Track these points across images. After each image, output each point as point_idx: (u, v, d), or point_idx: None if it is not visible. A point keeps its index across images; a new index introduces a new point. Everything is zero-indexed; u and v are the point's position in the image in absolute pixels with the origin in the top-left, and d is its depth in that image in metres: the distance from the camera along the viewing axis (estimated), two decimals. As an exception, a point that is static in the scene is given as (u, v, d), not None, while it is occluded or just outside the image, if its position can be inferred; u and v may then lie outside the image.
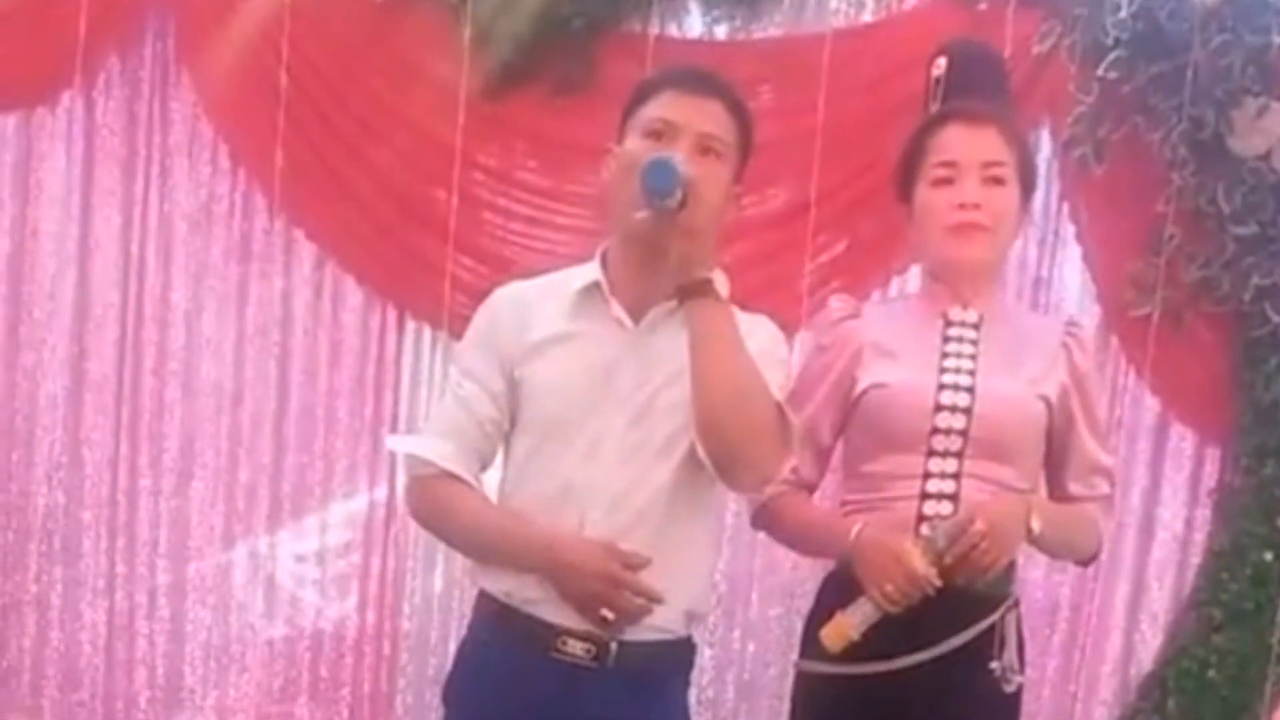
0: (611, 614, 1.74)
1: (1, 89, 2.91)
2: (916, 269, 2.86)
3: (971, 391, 1.98)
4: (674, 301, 1.77)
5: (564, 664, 1.76)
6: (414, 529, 2.34)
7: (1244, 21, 2.66)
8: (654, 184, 1.67)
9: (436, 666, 2.99)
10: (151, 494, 3.06)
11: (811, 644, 1.99)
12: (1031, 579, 2.80)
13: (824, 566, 2.86)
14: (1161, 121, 2.71)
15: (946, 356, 2.01)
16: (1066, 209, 2.88)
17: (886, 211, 2.77)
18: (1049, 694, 2.96)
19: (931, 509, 1.97)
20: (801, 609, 2.94)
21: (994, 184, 1.99)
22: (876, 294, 2.90)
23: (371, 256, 2.97)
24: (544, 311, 1.83)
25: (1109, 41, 2.69)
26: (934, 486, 1.98)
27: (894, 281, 2.92)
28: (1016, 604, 2.02)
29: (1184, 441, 2.91)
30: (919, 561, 1.85)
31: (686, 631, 1.85)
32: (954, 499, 1.96)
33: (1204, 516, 2.90)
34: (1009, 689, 1.95)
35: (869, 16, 2.90)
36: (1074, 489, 2.09)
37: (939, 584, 1.86)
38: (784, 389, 1.83)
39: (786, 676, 2.96)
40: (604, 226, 1.90)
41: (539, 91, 2.83)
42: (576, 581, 1.74)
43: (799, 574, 2.98)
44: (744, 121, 1.83)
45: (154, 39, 2.95)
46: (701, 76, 1.85)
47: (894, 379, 2.00)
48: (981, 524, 1.85)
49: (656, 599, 1.75)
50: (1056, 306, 2.89)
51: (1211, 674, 2.81)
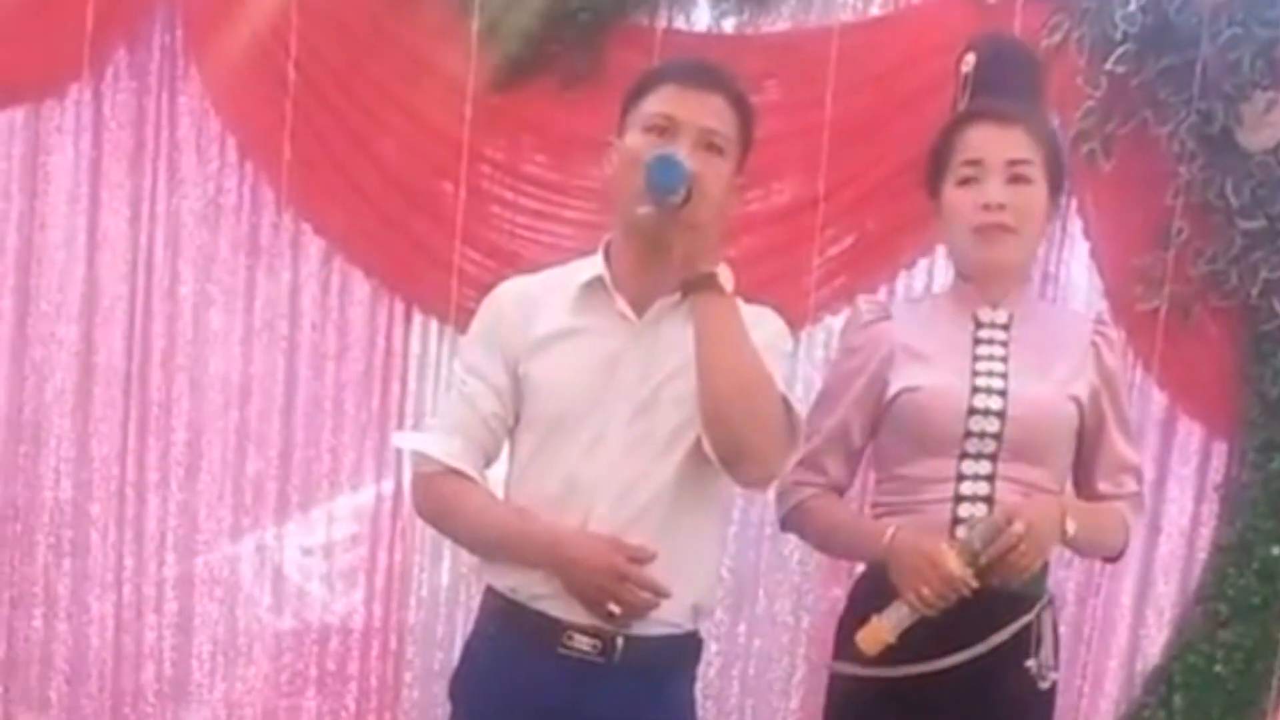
0: (617, 608, 1.74)
1: (9, 82, 2.90)
2: (924, 263, 2.90)
3: (1004, 394, 1.98)
4: (677, 295, 1.78)
5: (571, 659, 1.77)
6: (421, 522, 2.33)
7: (1253, 15, 2.65)
8: (659, 181, 1.68)
9: (443, 660, 2.99)
10: (159, 487, 3.05)
11: (846, 647, 1.99)
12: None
13: (831, 562, 2.90)
14: (1170, 115, 2.70)
15: (978, 359, 2.01)
16: (1074, 203, 2.87)
17: (894, 206, 2.81)
18: (1055, 688, 2.96)
19: (966, 511, 1.96)
20: (809, 606, 2.99)
21: (1020, 183, 1.98)
22: (883, 289, 2.90)
23: (379, 250, 2.97)
24: (548, 307, 1.83)
25: (1118, 35, 2.68)
26: (968, 489, 1.98)
27: (900, 276, 2.92)
28: (1051, 602, 2.02)
29: (1191, 436, 2.90)
30: (955, 564, 1.85)
31: (693, 626, 1.86)
32: (988, 501, 1.96)
33: (1211, 511, 2.89)
34: (1044, 686, 1.96)
35: (877, 10, 2.89)
36: (1103, 487, 2.08)
37: (975, 585, 1.86)
38: (788, 381, 1.84)
39: (794, 673, 3.01)
40: (609, 220, 1.91)
41: (547, 85, 2.83)
42: (582, 576, 1.75)
43: (806, 570, 2.99)
44: (745, 115, 1.83)
45: (162, 32, 2.94)
46: (703, 70, 1.85)
47: (926, 383, 1.99)
48: (1020, 525, 1.85)
49: (662, 593, 1.75)
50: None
51: (1218, 669, 2.81)
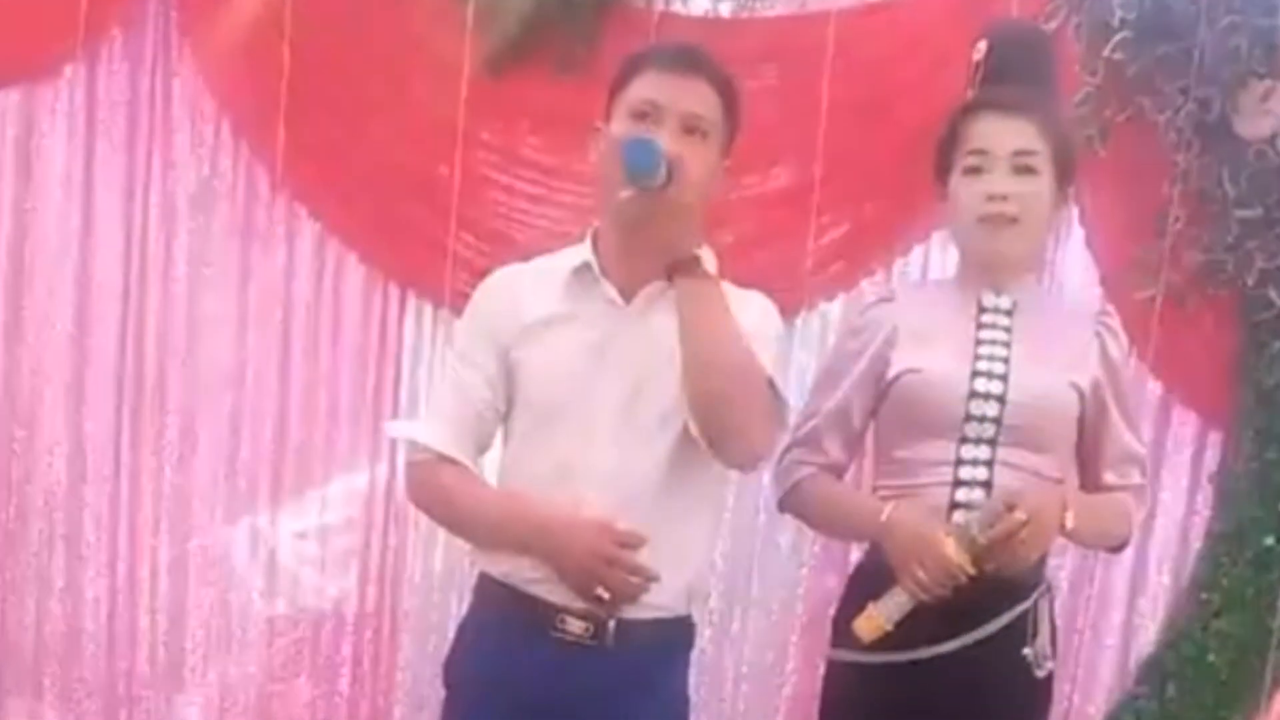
0: (607, 593, 1.75)
1: (2, 62, 2.88)
2: (919, 250, 2.90)
3: (1005, 379, 1.98)
4: (664, 280, 1.78)
5: (563, 643, 1.77)
6: (414, 507, 2.33)
7: (1251, 3, 2.64)
8: (634, 163, 1.68)
9: (437, 644, 2.98)
10: (153, 471, 3.04)
11: (843, 634, 1.99)
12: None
13: (826, 550, 2.90)
14: (1167, 103, 2.69)
15: (980, 343, 2.01)
16: (1070, 191, 2.86)
17: (890, 193, 2.80)
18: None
19: (964, 496, 1.97)
20: (804, 592, 2.98)
21: (1025, 173, 1.99)
22: (879, 274, 2.90)
23: (374, 234, 2.96)
24: (538, 293, 1.84)
25: (1115, 22, 2.67)
26: (966, 474, 1.98)
27: (897, 263, 2.91)
28: (1049, 590, 2.02)
29: (1186, 425, 2.89)
30: (952, 550, 1.85)
31: (686, 610, 1.87)
32: (987, 486, 1.97)
33: (1205, 500, 2.88)
34: (1040, 674, 1.96)
35: (874, -6, 2.89)
36: (1107, 478, 2.09)
37: (972, 572, 1.86)
38: (779, 363, 1.84)
39: (788, 660, 3.01)
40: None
41: (543, 68, 2.82)
42: (572, 561, 1.75)
43: (801, 558, 2.98)
44: (730, 98, 1.83)
45: (156, 13, 2.92)
46: (686, 54, 1.84)
47: (927, 365, 1.99)
48: (1022, 513, 1.85)
49: (653, 577, 1.76)
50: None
51: (1211, 658, 2.80)
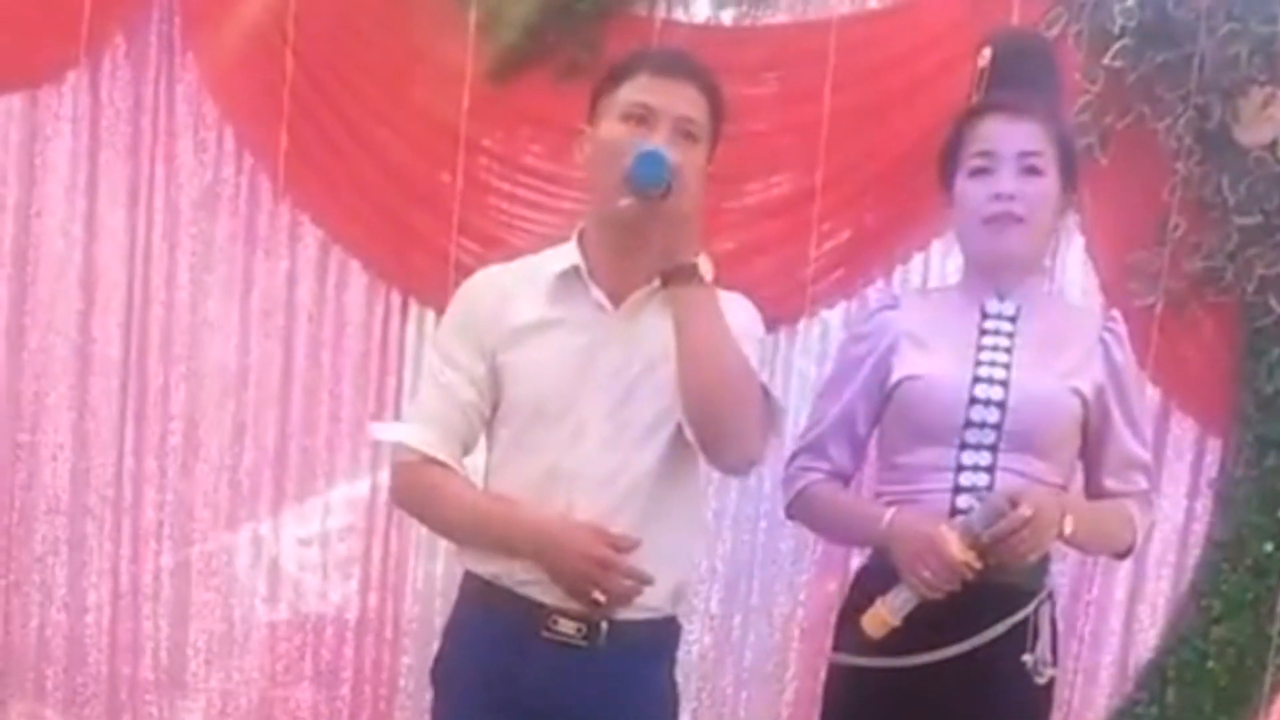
0: (603, 597, 1.77)
1: (6, 68, 2.88)
2: (920, 257, 2.90)
3: (1006, 385, 1.99)
4: (653, 285, 1.80)
5: (555, 643, 1.80)
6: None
7: (1251, 10, 2.64)
8: (644, 175, 1.70)
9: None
10: (155, 477, 3.05)
11: (845, 637, 2.01)
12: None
13: (826, 555, 2.90)
14: (1167, 110, 2.69)
15: (982, 349, 2.02)
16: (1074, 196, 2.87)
17: (892, 200, 2.81)
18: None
19: (965, 502, 1.98)
20: (804, 598, 2.98)
21: (1031, 175, 2.00)
22: (880, 282, 2.90)
23: (376, 240, 2.96)
24: (524, 296, 1.85)
25: (1115, 29, 2.67)
26: (967, 479, 1.99)
27: (897, 270, 2.92)
28: (1050, 596, 2.03)
29: (1185, 431, 2.89)
30: (956, 547, 1.87)
31: (673, 610, 1.90)
32: (988, 492, 1.97)
33: (1204, 507, 2.89)
34: (1040, 681, 1.97)
35: (875, 4, 2.88)
36: (1110, 484, 2.10)
37: (978, 567, 1.87)
38: (759, 365, 1.87)
39: (788, 666, 3.01)
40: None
41: (545, 75, 2.82)
42: (567, 565, 1.77)
43: (801, 563, 2.99)
44: (717, 104, 1.85)
45: (160, 20, 2.92)
46: (677, 59, 1.87)
47: (928, 371, 2.00)
48: (1026, 509, 1.86)
49: (646, 580, 1.78)
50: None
51: (1211, 665, 2.80)
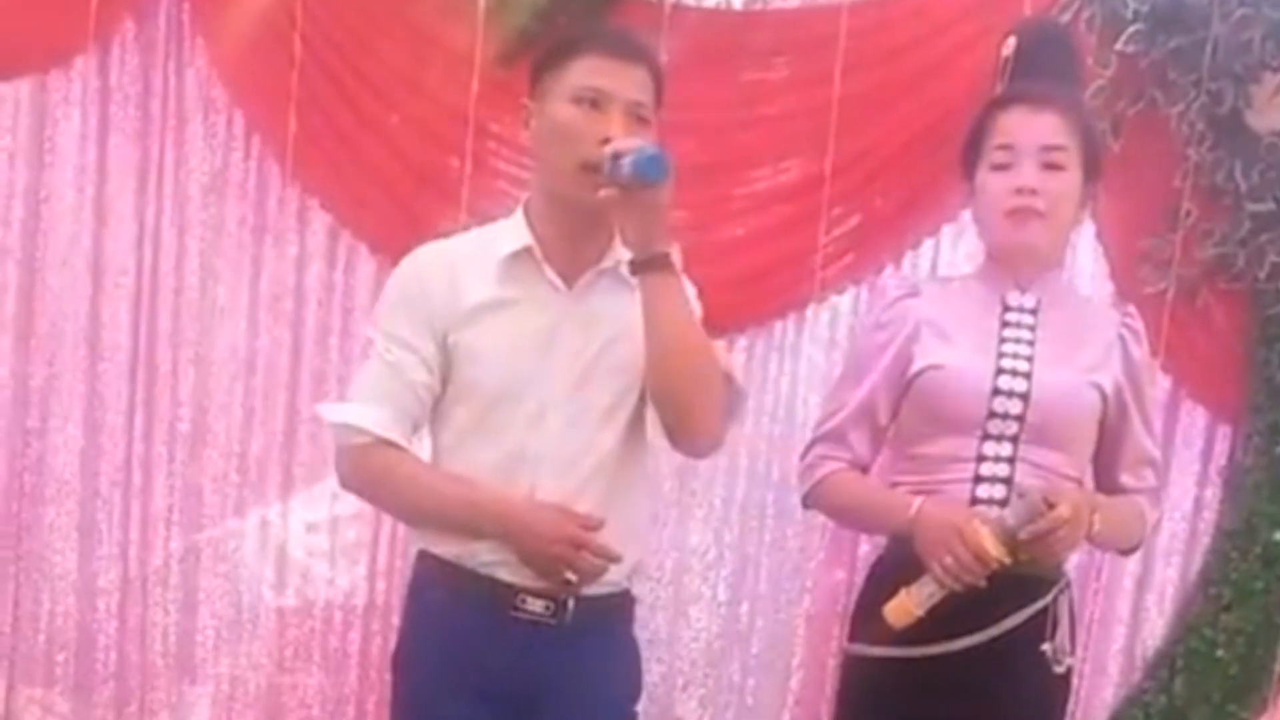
0: (574, 576, 1.79)
1: (15, 53, 2.88)
2: (930, 243, 2.89)
3: (1028, 377, 1.98)
4: (600, 265, 1.82)
5: (523, 622, 1.81)
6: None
7: (1265, -4, 2.64)
8: (645, 175, 1.68)
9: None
10: (164, 462, 3.05)
11: (863, 627, 2.00)
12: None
13: (834, 544, 2.90)
14: (1179, 96, 2.69)
15: (1004, 341, 2.02)
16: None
17: (901, 186, 2.81)
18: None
19: (985, 493, 1.97)
20: (811, 586, 2.98)
21: (1053, 169, 1.99)
22: (889, 268, 2.90)
23: (385, 225, 2.95)
24: (474, 275, 1.83)
25: (1128, 14, 2.67)
26: (987, 470, 1.98)
27: (906, 256, 2.91)
28: (1069, 585, 2.02)
29: (1195, 419, 2.89)
30: (989, 542, 1.86)
31: (629, 585, 1.92)
32: (1008, 483, 1.97)
33: (1214, 495, 2.89)
34: (1059, 669, 1.97)
35: (886, -12, 2.88)
36: (1124, 480, 2.09)
37: (1009, 563, 1.86)
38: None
39: (795, 654, 3.01)
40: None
41: (555, 60, 2.82)
42: (537, 545, 1.77)
43: (808, 552, 2.99)
44: (660, 84, 1.85)
45: (169, 4, 2.91)
46: (626, 40, 1.86)
47: (950, 361, 2.00)
48: (1066, 510, 1.85)
49: (615, 558, 1.80)
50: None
51: (1219, 653, 2.81)
